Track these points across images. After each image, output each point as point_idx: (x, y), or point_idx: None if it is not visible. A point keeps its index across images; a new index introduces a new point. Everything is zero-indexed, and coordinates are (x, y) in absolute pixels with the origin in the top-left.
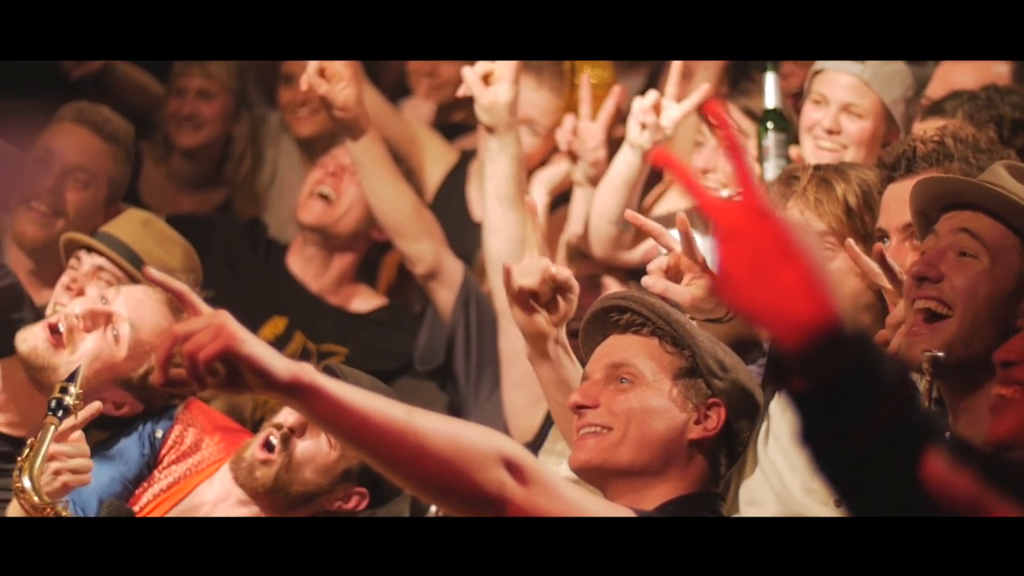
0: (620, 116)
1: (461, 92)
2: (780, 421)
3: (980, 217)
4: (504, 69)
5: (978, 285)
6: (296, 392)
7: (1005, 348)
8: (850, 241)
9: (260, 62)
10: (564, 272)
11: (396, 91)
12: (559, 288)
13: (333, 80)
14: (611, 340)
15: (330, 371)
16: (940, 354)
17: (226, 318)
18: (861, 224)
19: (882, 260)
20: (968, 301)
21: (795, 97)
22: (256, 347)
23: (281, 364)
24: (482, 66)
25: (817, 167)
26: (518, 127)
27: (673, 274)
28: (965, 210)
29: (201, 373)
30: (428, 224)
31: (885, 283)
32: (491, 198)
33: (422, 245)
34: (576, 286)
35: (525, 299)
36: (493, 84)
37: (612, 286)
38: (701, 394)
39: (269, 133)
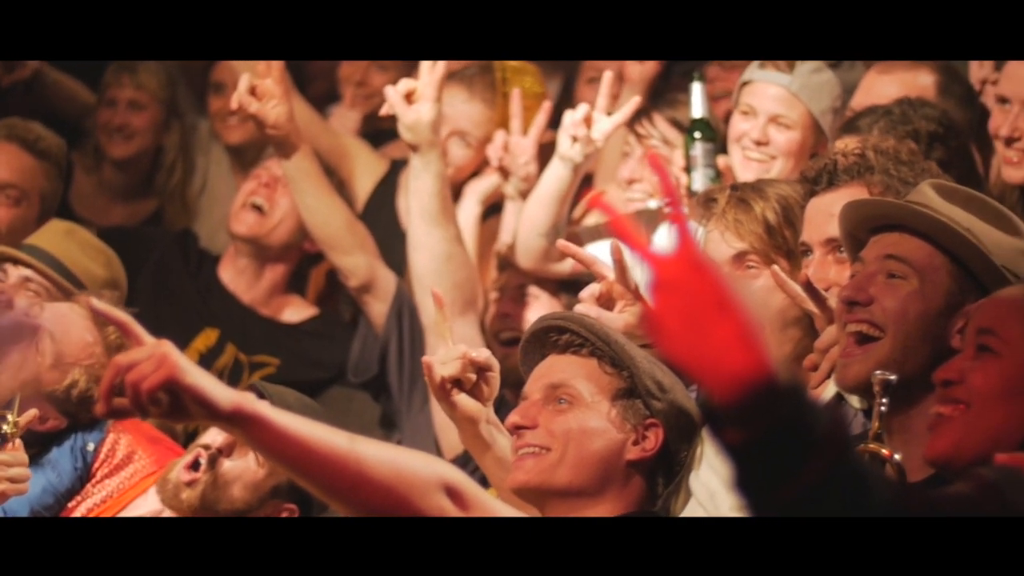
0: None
1: (384, 112)
2: (712, 443)
3: (908, 238)
4: (426, 87)
5: (908, 306)
6: (238, 421)
7: (944, 368)
8: (775, 268)
9: (189, 70)
10: (483, 353)
11: (324, 99)
12: (480, 370)
13: (264, 98)
14: (549, 360)
15: (255, 390)
16: (892, 377)
17: (169, 348)
18: (783, 240)
19: (808, 287)
20: (899, 322)
21: (719, 100)
22: (199, 377)
23: (224, 394)
24: (404, 84)
25: (734, 187)
26: (441, 144)
27: (605, 301)
28: (893, 231)
29: (144, 403)
30: (361, 237)
31: (812, 307)
32: (415, 215)
33: (355, 258)
34: (496, 364)
35: (448, 389)
36: (415, 103)
37: (542, 296)
38: (639, 415)
39: (199, 141)
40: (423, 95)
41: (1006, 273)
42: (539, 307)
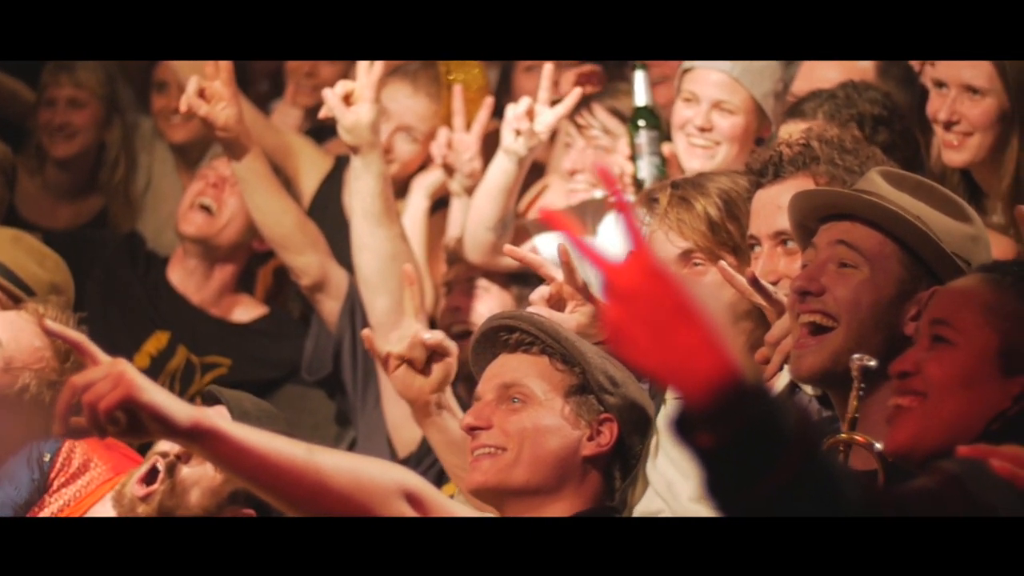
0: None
1: (322, 114)
2: (667, 432)
3: (857, 227)
4: (364, 89)
5: (860, 295)
6: (197, 437)
7: (901, 359)
8: (723, 263)
9: (130, 68)
10: (436, 336)
11: (266, 97)
12: (434, 353)
13: (213, 100)
14: (501, 359)
15: (211, 395)
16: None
17: (125, 366)
18: (727, 235)
19: (754, 282)
20: (852, 311)
21: (658, 85)
22: (156, 394)
23: (181, 410)
24: (342, 86)
25: (675, 185)
26: (382, 144)
27: (556, 302)
28: (842, 220)
29: (102, 423)
30: (312, 236)
31: (761, 301)
32: (358, 216)
33: (307, 257)
34: (453, 349)
35: (394, 365)
36: (354, 104)
37: (492, 289)
38: (593, 410)
39: (142, 140)
40: (361, 96)
41: (956, 260)
42: (489, 299)
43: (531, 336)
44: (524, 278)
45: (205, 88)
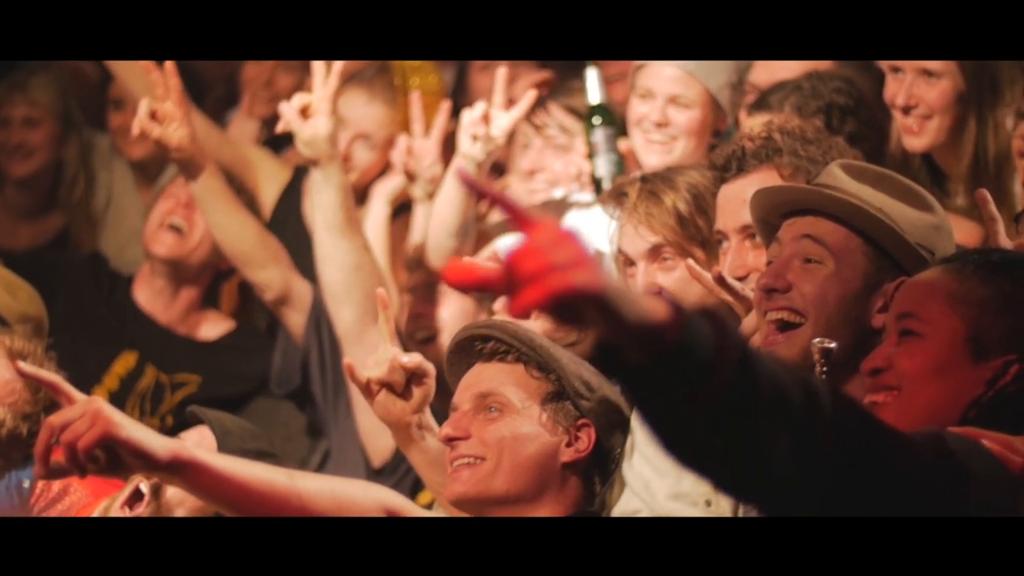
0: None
1: (280, 129)
2: (642, 432)
3: (821, 222)
4: (321, 101)
5: (827, 290)
6: (177, 469)
7: (871, 357)
8: (690, 262)
9: (85, 85)
10: (414, 359)
11: (223, 105)
12: (412, 375)
13: (165, 122)
14: (476, 369)
15: (192, 416)
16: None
17: (101, 404)
18: (696, 230)
19: (720, 281)
20: (819, 307)
21: (614, 82)
22: (134, 430)
23: (160, 444)
24: (298, 100)
25: (644, 179)
26: (341, 156)
27: None
28: (805, 215)
29: (82, 462)
30: (273, 250)
31: (728, 298)
32: (320, 229)
33: (269, 272)
34: (431, 370)
35: (375, 391)
36: (311, 117)
37: (454, 294)
38: (570, 416)
39: (100, 157)
40: (318, 109)
41: (920, 250)
42: (451, 304)
43: (506, 344)
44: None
45: (156, 110)
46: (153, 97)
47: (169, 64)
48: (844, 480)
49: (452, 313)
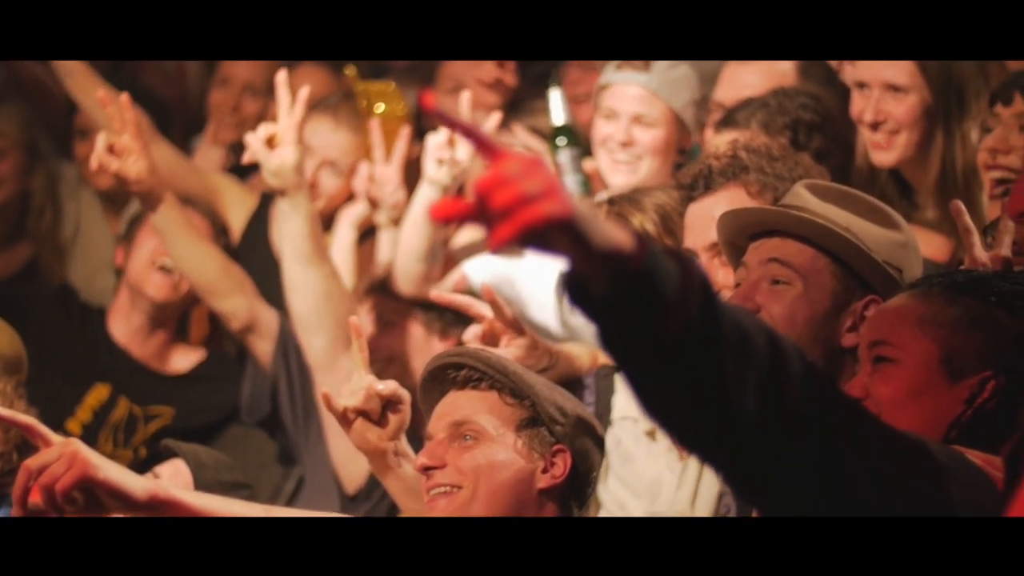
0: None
1: (246, 160)
2: (616, 454)
3: (787, 243)
4: (287, 131)
5: (795, 311)
6: (155, 508)
7: (848, 388)
8: None
9: (51, 115)
10: (390, 386)
11: (189, 131)
12: (387, 403)
13: (123, 155)
14: (450, 397)
15: (168, 449)
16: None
17: (78, 446)
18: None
19: None
20: (788, 328)
21: (583, 103)
22: (111, 471)
23: (138, 484)
24: (264, 130)
25: (611, 201)
26: (308, 184)
27: (489, 339)
28: (772, 237)
29: (59, 504)
30: (237, 279)
31: None
32: (289, 258)
33: (234, 301)
34: (407, 396)
35: (351, 420)
36: (277, 147)
37: (420, 314)
38: (545, 442)
39: (67, 187)
40: (284, 139)
41: (888, 268)
42: (400, 334)
43: (479, 372)
44: (434, 307)
45: (114, 144)
46: (111, 130)
47: (124, 97)
48: (816, 456)
49: (400, 341)
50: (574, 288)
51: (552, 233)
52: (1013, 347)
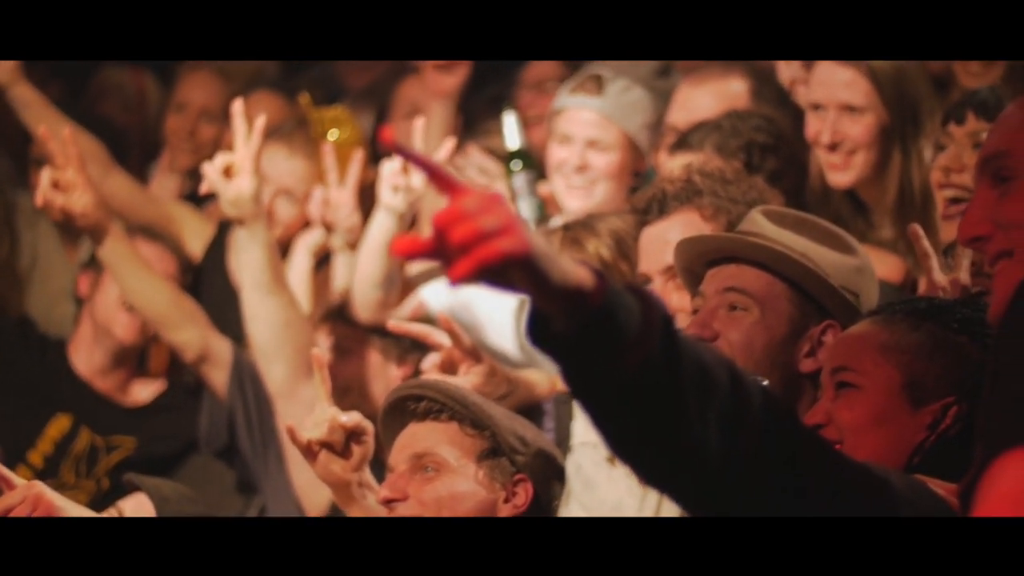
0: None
1: (203, 190)
2: (576, 480)
3: (744, 269)
4: (244, 160)
5: (753, 337)
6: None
7: (811, 413)
8: None
9: (6, 142)
10: (353, 417)
11: (147, 158)
12: (351, 434)
13: (68, 190)
14: (411, 429)
15: (131, 483)
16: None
17: (41, 488)
18: (620, 275)
19: None
20: (746, 354)
21: (537, 125)
22: (74, 511)
23: None
24: (221, 160)
25: (567, 226)
26: (265, 213)
27: (447, 368)
28: (729, 264)
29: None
30: (188, 310)
31: None
32: (247, 287)
33: (186, 332)
34: (369, 428)
35: (315, 452)
36: (234, 177)
37: (376, 341)
38: (507, 472)
39: (24, 216)
40: (241, 168)
41: (844, 293)
42: (358, 361)
43: (439, 403)
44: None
45: (58, 179)
46: (54, 165)
47: (67, 132)
48: (776, 489)
49: (357, 369)
50: (534, 325)
51: (510, 269)
52: (975, 373)
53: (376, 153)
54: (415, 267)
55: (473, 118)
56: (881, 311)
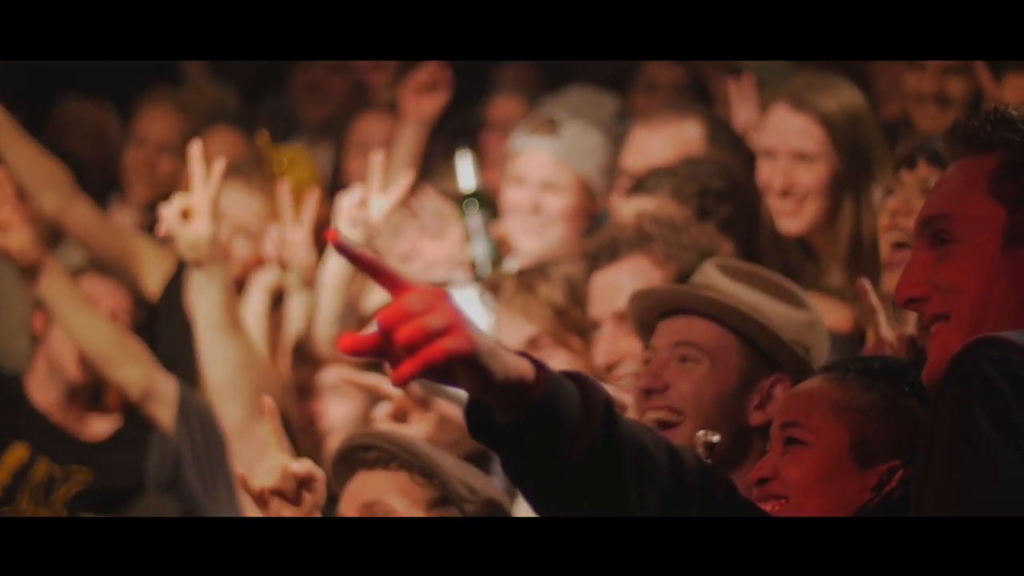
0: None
1: (160, 232)
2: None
3: (696, 321)
4: (202, 203)
5: (703, 389)
6: None
7: (758, 467)
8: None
9: None
10: (304, 465)
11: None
12: (302, 482)
13: (5, 229)
14: (360, 478)
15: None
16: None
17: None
18: (572, 320)
19: None
20: (695, 406)
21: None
22: None
23: None
24: (179, 202)
25: (521, 273)
26: (222, 254)
27: (399, 416)
28: (681, 315)
29: None
30: (131, 348)
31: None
32: (204, 329)
33: (128, 370)
34: (321, 475)
35: (267, 499)
36: (192, 219)
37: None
38: None
39: None
40: (199, 211)
41: (795, 347)
42: (340, 403)
43: (388, 453)
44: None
45: None
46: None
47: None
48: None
49: (343, 412)
50: (473, 416)
51: (455, 367)
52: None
53: (333, 190)
54: (372, 298)
55: (430, 158)
56: (834, 368)
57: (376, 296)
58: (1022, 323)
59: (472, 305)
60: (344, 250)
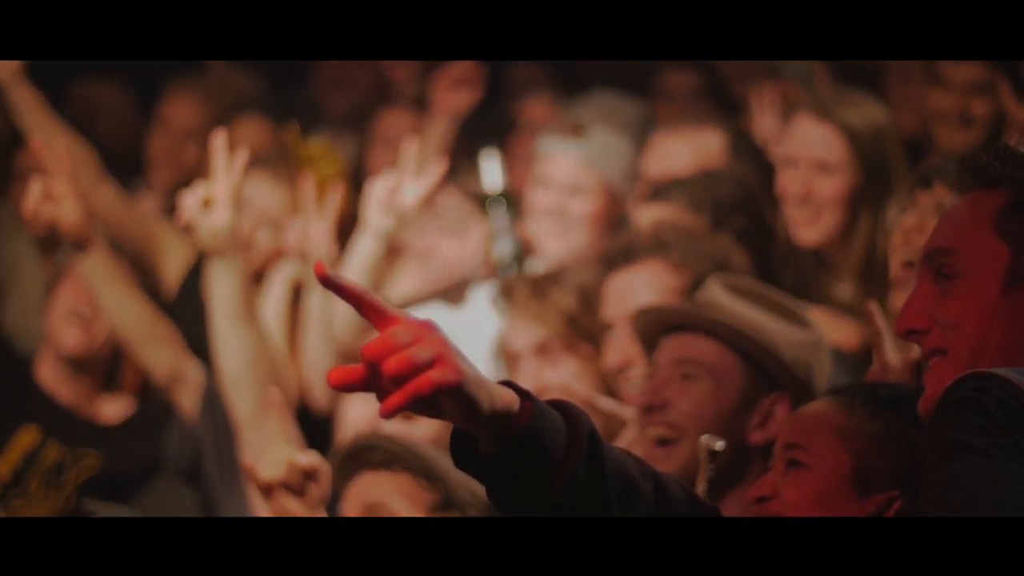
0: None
1: (180, 221)
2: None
3: (699, 339)
4: (223, 193)
5: (703, 407)
6: None
7: (758, 485)
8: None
9: None
10: (311, 459)
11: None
12: (308, 474)
13: (55, 201)
14: (364, 478)
15: (91, 512)
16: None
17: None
18: (584, 327)
19: (602, 402)
20: (695, 423)
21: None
22: None
23: None
24: (200, 191)
25: (534, 277)
26: (242, 245)
27: (406, 416)
28: (684, 333)
29: None
30: (163, 331)
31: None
32: (220, 318)
33: (159, 353)
34: (327, 469)
35: (273, 491)
36: (212, 208)
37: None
38: None
39: (2, 230)
40: (220, 201)
41: (796, 368)
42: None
43: (392, 454)
44: None
45: (50, 189)
46: (46, 175)
47: (64, 140)
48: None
49: (360, 411)
50: (458, 446)
51: (442, 398)
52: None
53: (356, 186)
54: (393, 290)
55: (457, 158)
56: (841, 392)
57: (400, 289)
58: (1018, 363)
59: (483, 307)
60: (330, 283)
